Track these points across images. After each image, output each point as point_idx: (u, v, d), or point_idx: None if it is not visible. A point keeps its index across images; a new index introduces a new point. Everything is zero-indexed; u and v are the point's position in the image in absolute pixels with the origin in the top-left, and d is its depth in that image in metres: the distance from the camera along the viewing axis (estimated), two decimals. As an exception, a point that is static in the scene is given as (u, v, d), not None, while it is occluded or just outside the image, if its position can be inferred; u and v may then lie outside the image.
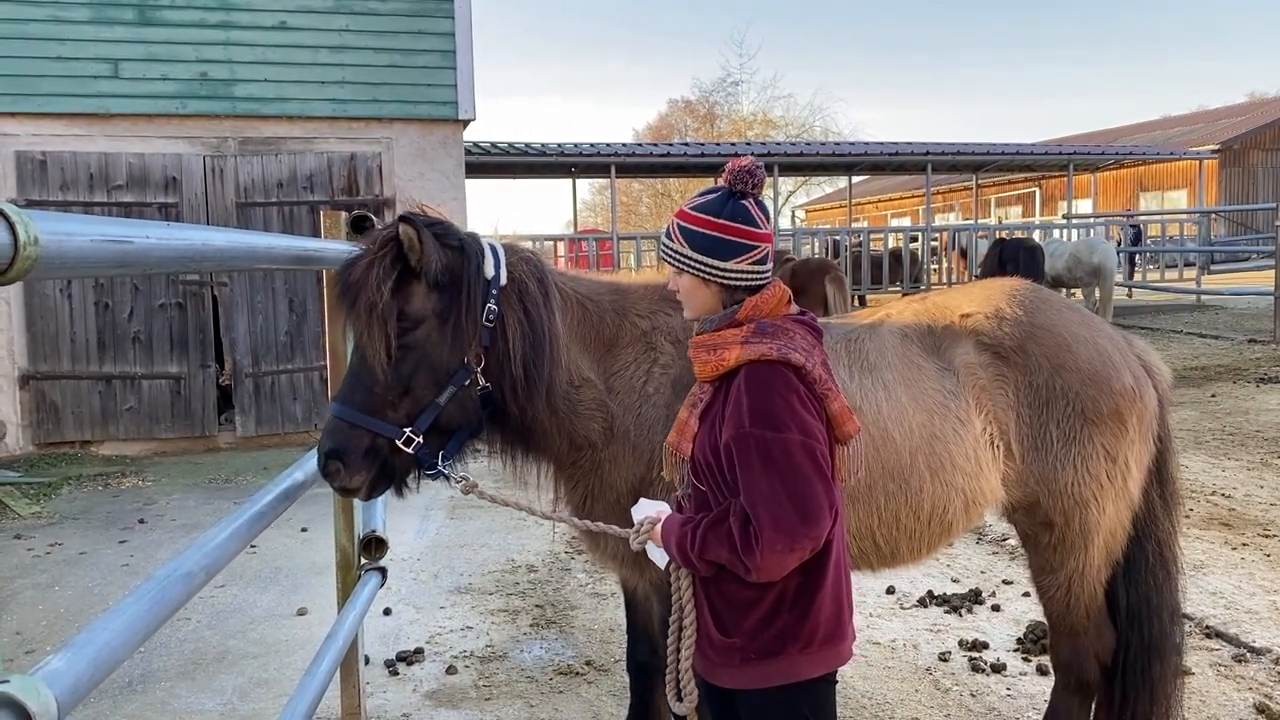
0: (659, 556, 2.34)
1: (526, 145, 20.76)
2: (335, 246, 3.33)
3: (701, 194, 2.31)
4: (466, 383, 2.68)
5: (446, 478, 2.69)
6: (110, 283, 9.89)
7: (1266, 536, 5.98)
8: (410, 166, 10.47)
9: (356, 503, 3.80)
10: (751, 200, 2.28)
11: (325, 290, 3.77)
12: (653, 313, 3.02)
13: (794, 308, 2.32)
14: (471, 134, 12.45)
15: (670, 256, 2.32)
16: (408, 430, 2.61)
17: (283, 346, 10.23)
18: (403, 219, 2.62)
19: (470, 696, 4.35)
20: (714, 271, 2.26)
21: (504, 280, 2.75)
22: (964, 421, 2.90)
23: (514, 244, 2.94)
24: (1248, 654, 4.44)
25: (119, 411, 9.88)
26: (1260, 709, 3.94)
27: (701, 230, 2.26)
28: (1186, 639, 4.58)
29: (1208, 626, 4.73)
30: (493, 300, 2.70)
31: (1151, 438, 3.08)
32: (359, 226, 3.86)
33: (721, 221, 2.24)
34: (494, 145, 20.41)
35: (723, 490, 2.24)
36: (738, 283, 2.27)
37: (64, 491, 8.32)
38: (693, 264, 2.28)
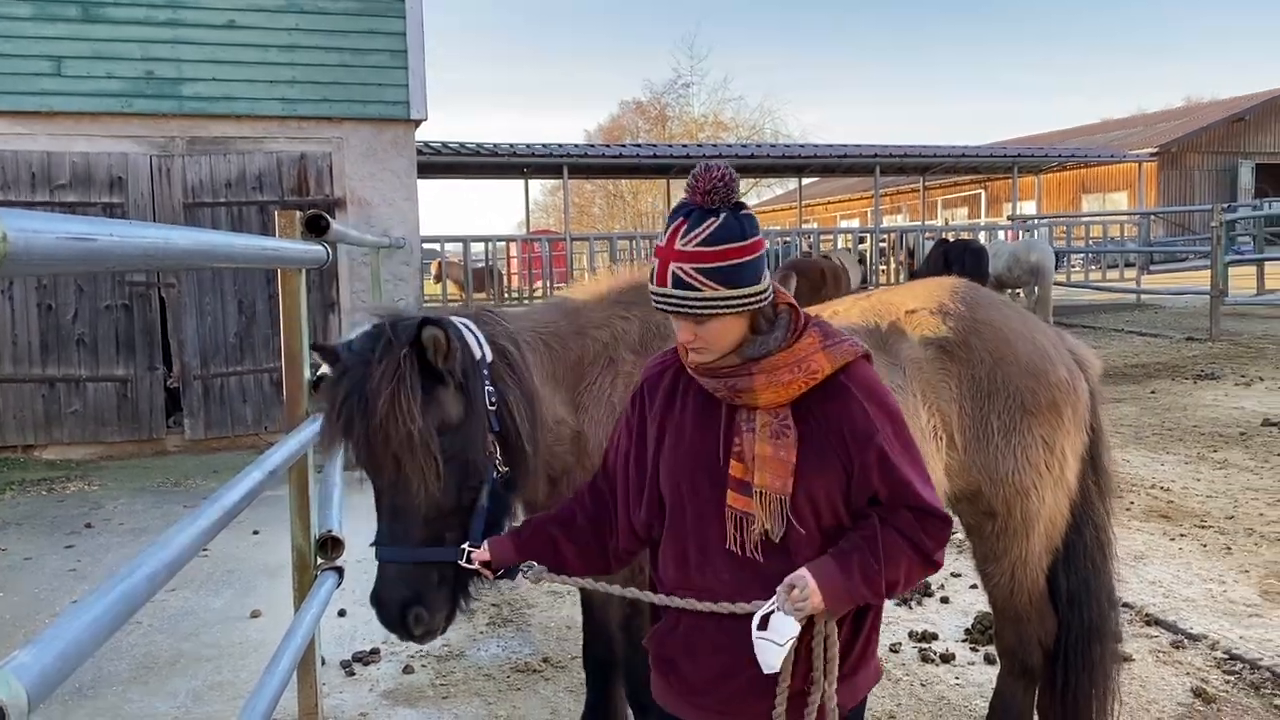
0: (776, 647, 1.93)
1: (479, 145, 20.70)
2: (294, 246, 3.34)
3: (696, 222, 1.97)
4: (495, 475, 2.47)
5: (512, 574, 2.38)
6: (53, 283, 9.71)
7: (1203, 528, 6.17)
8: (361, 166, 10.41)
9: (313, 502, 3.80)
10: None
11: (280, 290, 3.76)
12: (609, 322, 2.96)
13: None
14: (423, 134, 12.41)
15: (696, 306, 1.96)
16: (466, 546, 2.34)
17: (232, 348, 10.11)
18: (429, 321, 2.36)
19: (428, 695, 4.36)
20: (756, 298, 1.99)
21: (490, 356, 2.54)
22: (912, 414, 2.98)
23: (478, 312, 2.74)
24: (1185, 640, 4.58)
25: (63, 415, 9.71)
26: (1197, 693, 4.08)
27: (733, 262, 1.96)
28: (1128, 627, 4.74)
29: (1147, 614, 4.88)
30: (487, 381, 2.50)
31: (1085, 428, 3.19)
32: (314, 226, 3.87)
33: (747, 243, 1.98)
34: (446, 145, 20.32)
35: (821, 521, 2.03)
36: (770, 298, 2.04)
37: (6, 497, 8.16)
38: (734, 303, 1.97)
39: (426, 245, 18.74)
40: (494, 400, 2.49)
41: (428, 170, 19.59)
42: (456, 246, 20.80)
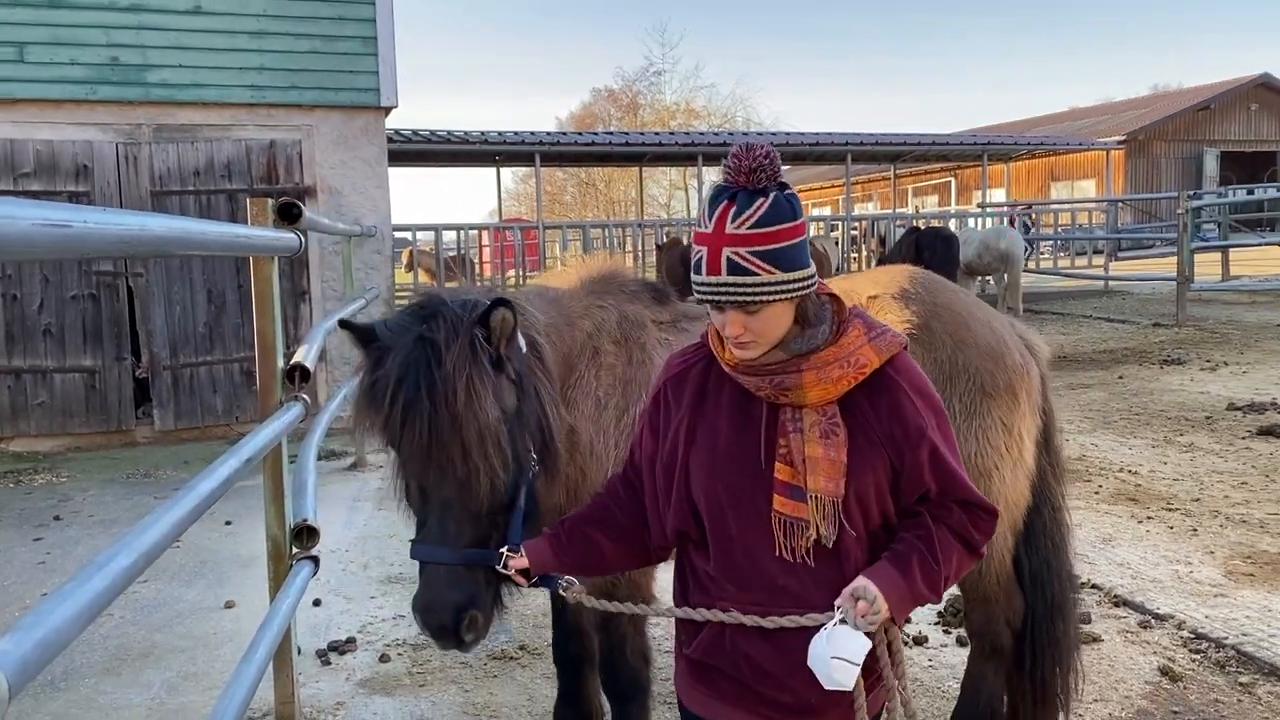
0: (850, 667, 1.82)
1: (450, 133, 20.56)
2: (267, 234, 3.32)
3: (745, 204, 1.86)
4: (533, 474, 2.32)
5: (550, 583, 2.24)
6: (18, 272, 9.58)
7: (1169, 510, 6.27)
8: (332, 154, 10.33)
9: (287, 491, 3.79)
10: None
11: (253, 278, 3.73)
12: (589, 313, 2.88)
13: None
14: (394, 121, 12.33)
15: (753, 293, 1.85)
16: (504, 550, 2.17)
17: (201, 338, 10.02)
18: (501, 302, 2.21)
19: (404, 683, 4.36)
20: (808, 282, 1.91)
21: (524, 346, 2.37)
22: None
23: (501, 294, 2.51)
24: (1152, 620, 4.66)
25: (29, 406, 9.59)
26: (1164, 671, 4.15)
27: (786, 244, 1.86)
28: (1096, 608, 4.81)
29: (1115, 595, 4.96)
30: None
31: (1038, 411, 3.24)
32: (286, 214, 3.84)
33: (798, 223, 1.88)
34: (416, 133, 20.17)
35: (870, 523, 1.95)
36: (816, 284, 1.95)
37: (-27, 489, 8.06)
38: (790, 287, 1.87)
39: (398, 234, 18.64)
40: (534, 392, 2.37)
41: (399, 158, 19.45)
42: (428, 235, 20.69)
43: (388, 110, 10.56)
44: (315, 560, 3.77)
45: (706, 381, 2.06)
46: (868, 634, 1.84)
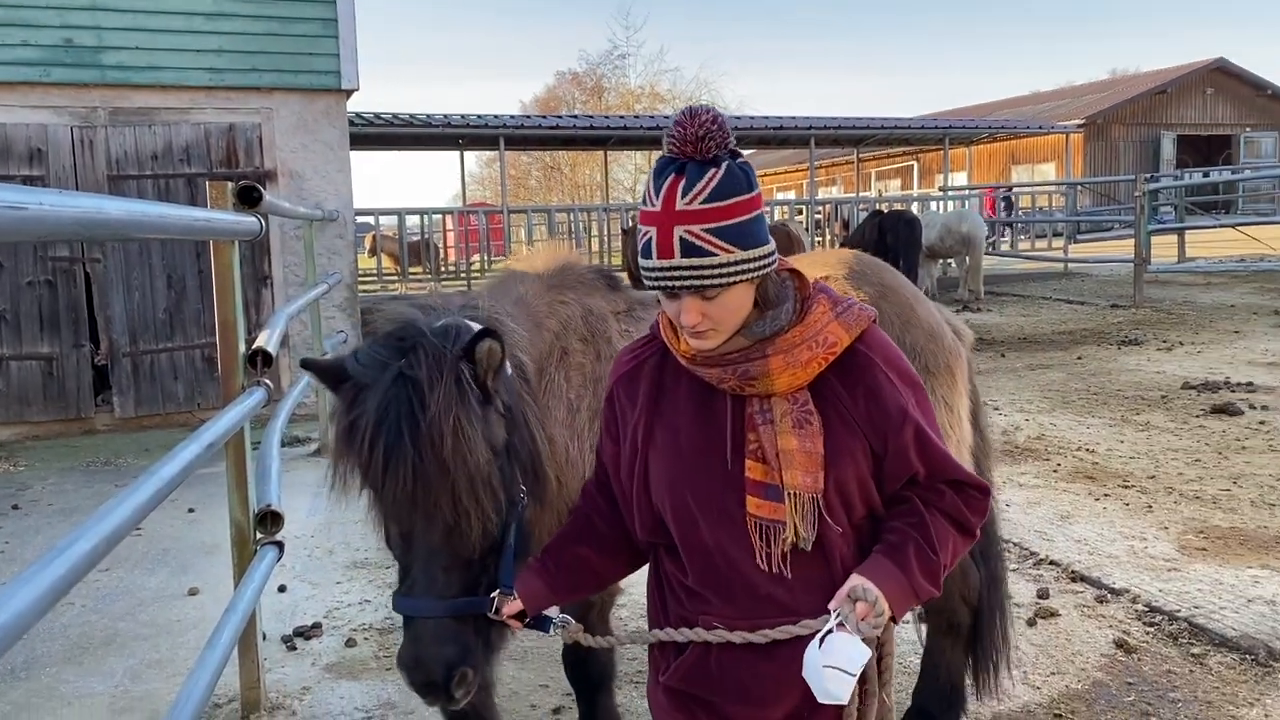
0: (846, 677, 1.67)
1: (412, 116, 20.40)
2: (227, 217, 3.29)
3: (695, 176, 1.69)
4: (522, 507, 2.11)
5: (544, 625, 2.07)
6: (-28, 260, 9.41)
7: (1125, 487, 6.39)
8: (292, 138, 10.21)
9: (250, 477, 3.77)
10: None
11: (213, 263, 3.70)
12: (554, 310, 2.72)
13: None
14: (356, 104, 12.21)
15: (712, 275, 1.68)
16: (495, 595, 1.99)
17: (162, 324, 9.90)
18: (487, 333, 2.00)
19: (371, 667, 4.37)
20: (769, 260, 1.75)
21: (509, 368, 2.14)
22: None
23: (489, 315, 2.32)
24: (1109, 595, 4.76)
25: (-15, 395, 9.43)
26: (1119, 644, 4.24)
27: (744, 219, 1.70)
28: (1054, 584, 4.91)
29: (1073, 571, 5.05)
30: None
31: (968, 392, 3.30)
32: (246, 197, 3.81)
33: (754, 195, 1.72)
34: (378, 116, 20.00)
35: (853, 515, 1.81)
36: (776, 260, 1.78)
37: (-72, 479, 7.93)
38: (750, 267, 1.71)
39: (361, 218, 18.49)
40: (524, 420, 2.18)
41: (361, 142, 19.27)
42: (392, 219, 20.52)
43: (349, 93, 10.45)
44: (280, 545, 3.77)
45: (661, 377, 1.90)
46: (870, 638, 1.70)
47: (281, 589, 5.27)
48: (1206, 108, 39.33)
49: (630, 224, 19.66)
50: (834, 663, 1.65)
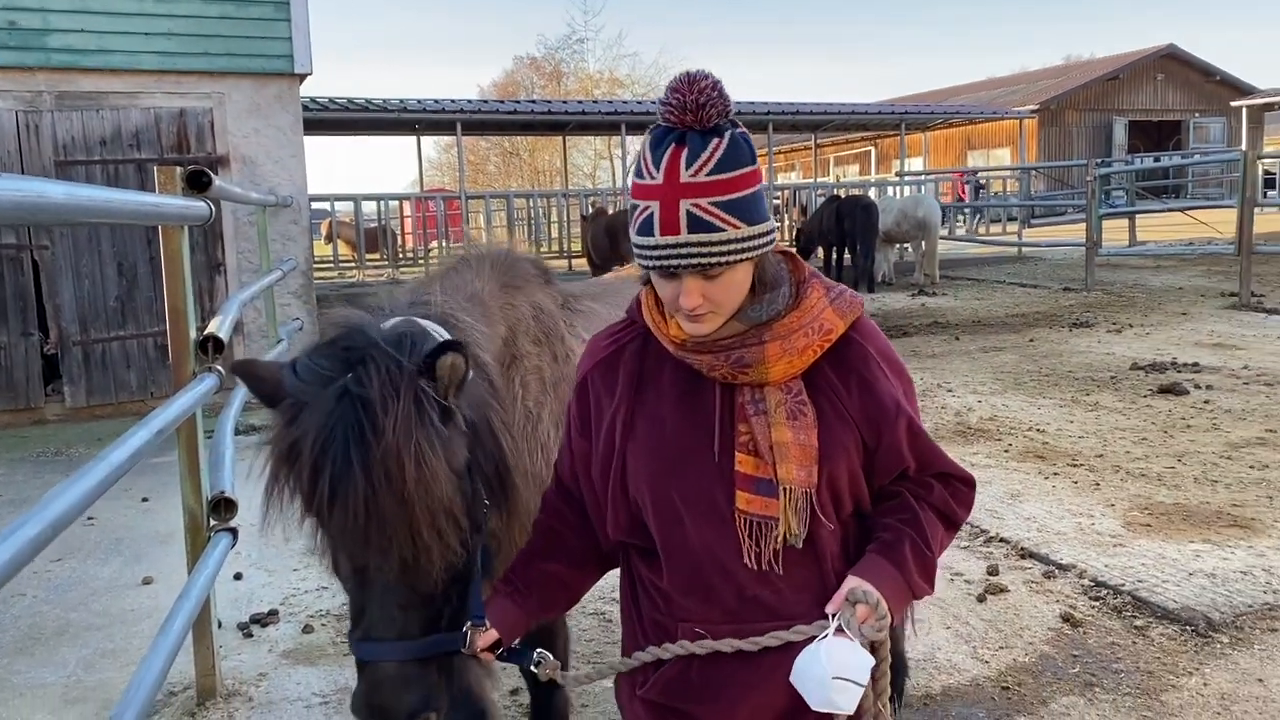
0: (855, 688, 1.57)
1: (368, 101, 20.20)
2: (175, 202, 3.26)
3: (698, 146, 1.57)
4: (484, 530, 1.90)
5: (520, 658, 1.90)
6: (-85, 247, 9.21)
7: (1074, 466, 6.52)
8: (245, 123, 10.09)
9: (203, 463, 3.75)
10: None
11: (163, 248, 3.67)
12: (503, 311, 2.47)
13: None
14: (311, 89, 12.07)
15: (720, 253, 1.57)
16: (466, 628, 1.81)
17: (113, 312, 9.75)
18: (450, 345, 1.77)
19: (328, 653, 4.36)
20: (771, 238, 1.65)
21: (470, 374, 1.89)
22: None
23: (443, 314, 2.09)
24: (1056, 571, 4.86)
25: (-69, 385, 9.25)
26: (1065, 618, 4.35)
27: (749, 192, 1.60)
28: (1004, 560, 5.01)
29: (1022, 548, 5.15)
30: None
31: None
32: (195, 182, 3.78)
33: (756, 168, 1.62)
34: (334, 101, 19.78)
35: (842, 511, 1.73)
36: (775, 239, 1.68)
37: (-127, 471, 7.77)
38: (755, 244, 1.61)
39: (316, 204, 18.29)
40: (489, 428, 1.97)
41: (316, 127, 19.07)
42: (348, 205, 20.33)
43: (302, 77, 10.33)
44: (234, 532, 3.76)
45: (642, 364, 1.79)
46: (872, 643, 1.61)
47: (237, 577, 5.24)
48: (1157, 94, 39.93)
49: (591, 210, 19.62)
50: (842, 673, 1.54)
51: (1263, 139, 37.86)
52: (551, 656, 1.88)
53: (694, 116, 1.58)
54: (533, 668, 1.87)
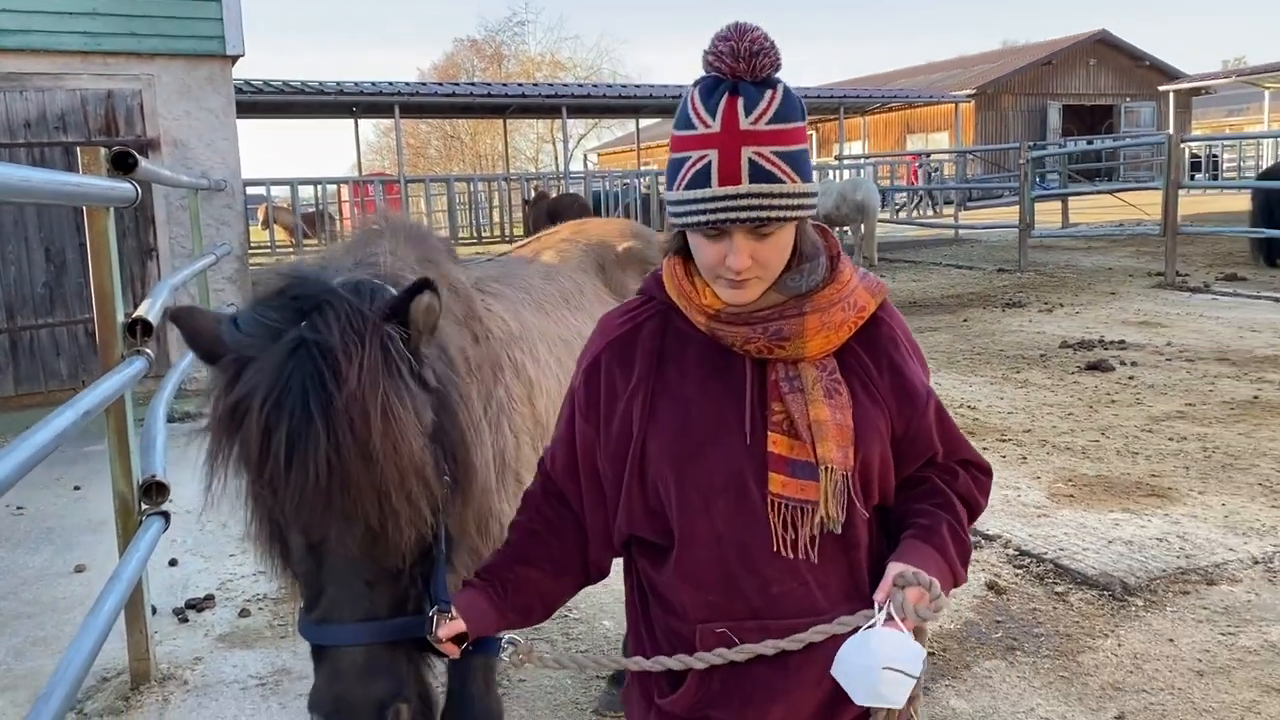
0: (907, 680, 1.47)
1: (304, 84, 19.89)
2: (99, 183, 3.22)
3: (754, 96, 1.49)
4: (447, 506, 1.74)
5: (489, 646, 1.74)
6: None
7: (1003, 441, 6.69)
8: (175, 105, 9.89)
9: (133, 446, 3.72)
10: None
11: (88, 230, 3.62)
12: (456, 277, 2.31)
13: None
14: (245, 71, 11.87)
15: (780, 206, 1.49)
16: (432, 611, 1.65)
17: (41, 299, 9.53)
18: (426, 284, 1.64)
19: (265, 636, 4.36)
20: (815, 198, 1.58)
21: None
22: None
23: (394, 274, 1.92)
24: (982, 541, 5.01)
25: None
26: (990, 585, 4.49)
27: (802, 146, 1.53)
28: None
29: (950, 520, 5.30)
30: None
31: None
32: (121, 163, 3.73)
33: (805, 123, 1.55)
34: (269, 83, 19.45)
35: (872, 498, 1.63)
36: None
37: None
38: (809, 202, 1.54)
39: (252, 189, 18.00)
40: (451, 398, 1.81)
41: (250, 110, 18.75)
42: (285, 190, 20.03)
43: (234, 59, 10.15)
44: (166, 516, 3.73)
45: (662, 341, 1.67)
46: (924, 628, 1.53)
47: (173, 563, 5.20)
48: (1090, 78, 40.71)
49: (532, 194, 19.57)
50: (893, 664, 1.45)
51: (1191, 123, 38.85)
52: (522, 641, 1.72)
53: (746, 65, 1.49)
54: (504, 656, 1.72)
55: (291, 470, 1.52)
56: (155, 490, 3.69)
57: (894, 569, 1.55)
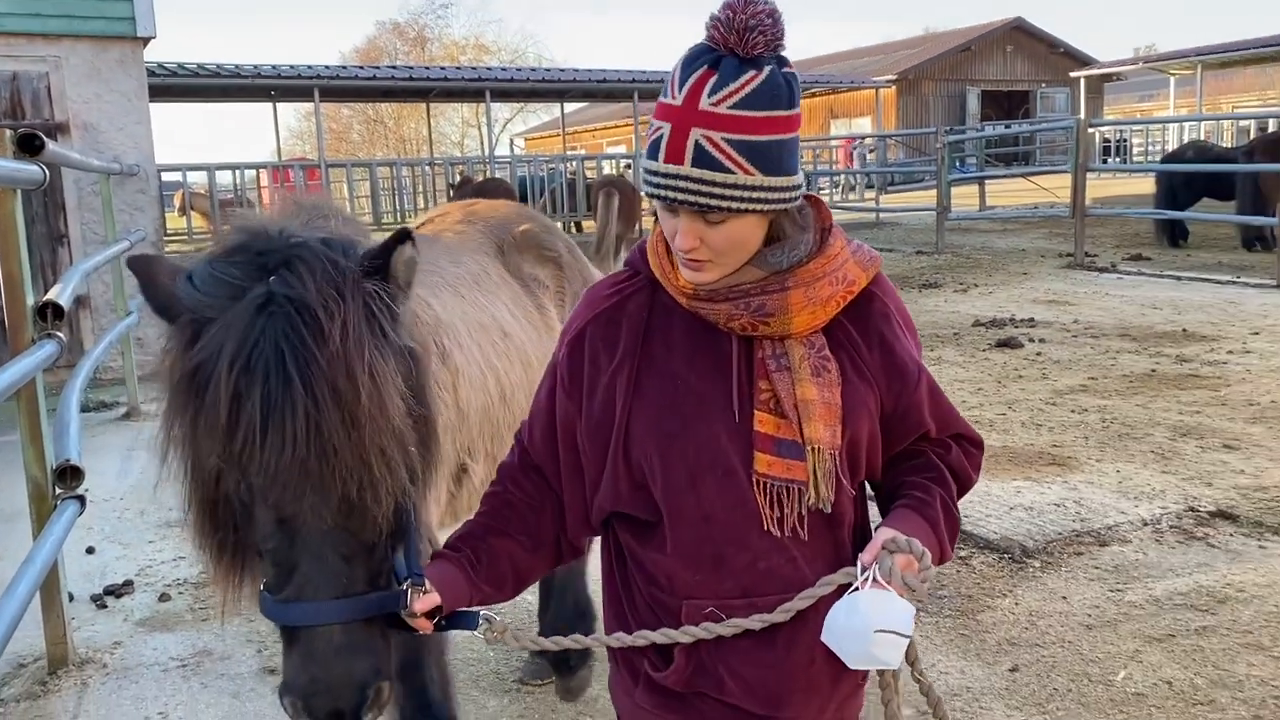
0: (899, 639, 1.46)
1: (220, 66, 19.50)
2: (3, 164, 3.20)
3: (730, 74, 1.41)
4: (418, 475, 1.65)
5: (465, 620, 1.68)
6: None
7: (915, 415, 6.92)
8: (85, 88, 9.66)
9: (45, 430, 3.70)
10: None
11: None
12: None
13: None
14: (159, 54, 11.62)
15: (720, 197, 1.42)
16: (406, 585, 1.57)
17: (-54, 287, 9.27)
18: (406, 235, 1.57)
19: (185, 620, 4.36)
20: (793, 194, 1.49)
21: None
22: (551, 331, 3.12)
23: (331, 231, 1.75)
24: (892, 511, 5.20)
25: None
26: (898, 552, 4.67)
27: (776, 138, 1.44)
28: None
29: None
30: None
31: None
32: (27, 145, 3.69)
33: (794, 113, 1.45)
34: (183, 66, 19.03)
35: (857, 476, 1.61)
36: (800, 198, 1.53)
37: None
38: (768, 197, 1.45)
39: (168, 175, 17.60)
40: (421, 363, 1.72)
41: (164, 93, 18.32)
42: (202, 176, 19.63)
43: (146, 41, 9.95)
44: (81, 500, 3.72)
45: (649, 315, 1.63)
46: (913, 594, 1.49)
47: (90, 551, 5.15)
48: (1007, 64, 41.65)
49: (457, 178, 19.46)
50: (885, 625, 1.43)
51: (1103, 108, 40.01)
52: (497, 619, 1.66)
53: (737, 38, 1.40)
54: (479, 632, 1.66)
55: (266, 439, 1.40)
56: (70, 474, 3.68)
57: (885, 533, 1.52)
